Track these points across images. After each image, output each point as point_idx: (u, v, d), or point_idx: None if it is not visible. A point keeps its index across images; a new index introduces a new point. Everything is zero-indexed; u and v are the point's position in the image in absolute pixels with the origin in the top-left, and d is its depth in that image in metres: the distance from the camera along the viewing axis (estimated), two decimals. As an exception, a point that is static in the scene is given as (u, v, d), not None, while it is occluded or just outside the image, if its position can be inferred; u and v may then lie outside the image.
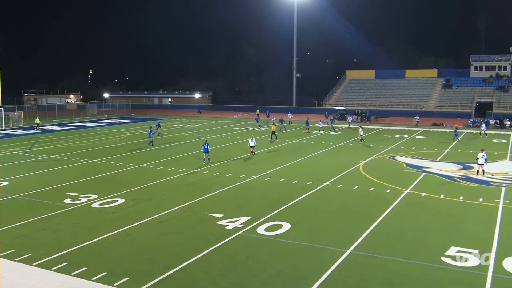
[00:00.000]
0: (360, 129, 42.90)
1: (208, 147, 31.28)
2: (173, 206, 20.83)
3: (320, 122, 51.95)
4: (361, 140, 42.08)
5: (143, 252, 15.49)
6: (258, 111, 66.99)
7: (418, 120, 60.38)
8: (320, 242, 16.31)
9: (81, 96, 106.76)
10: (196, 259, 14.80)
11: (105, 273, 13.69)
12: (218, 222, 18.47)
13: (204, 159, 31.27)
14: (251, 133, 37.78)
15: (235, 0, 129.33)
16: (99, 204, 21.37)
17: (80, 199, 22.24)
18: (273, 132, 44.53)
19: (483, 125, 51.65)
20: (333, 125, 54.99)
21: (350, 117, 60.79)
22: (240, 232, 17.26)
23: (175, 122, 67.29)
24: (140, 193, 23.60)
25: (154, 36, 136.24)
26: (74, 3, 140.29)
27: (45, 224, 18.54)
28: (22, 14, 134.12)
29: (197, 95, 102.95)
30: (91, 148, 39.92)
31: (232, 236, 16.84)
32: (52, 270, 13.92)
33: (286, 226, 17.95)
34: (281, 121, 55.16)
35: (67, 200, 22.06)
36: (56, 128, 60.01)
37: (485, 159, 27.06)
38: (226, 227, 17.82)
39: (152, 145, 40.12)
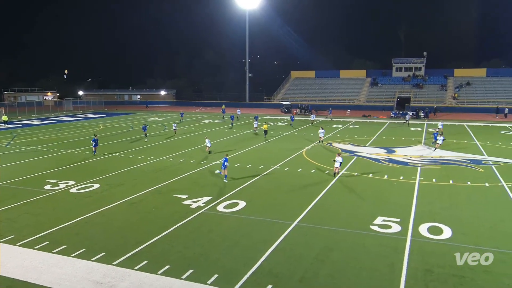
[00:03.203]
0: (321, 130, 35.26)
1: (226, 162, 22.30)
2: (143, 190, 20.46)
3: (255, 123, 44.78)
4: (321, 141, 34.97)
5: (117, 230, 15.17)
6: (223, 106, 66.95)
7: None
8: (270, 216, 16.50)
9: (58, 94, 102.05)
10: (165, 234, 14.65)
11: (83, 249, 13.33)
12: (183, 202, 18.32)
13: (225, 175, 22.33)
14: (206, 135, 34.04)
15: (195, 10, 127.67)
16: (76, 189, 20.67)
17: (59, 185, 21.43)
18: (265, 131, 39.48)
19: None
20: (292, 122, 51.04)
21: (313, 115, 54.97)
22: (202, 210, 17.19)
23: (144, 116, 65.83)
24: (113, 178, 23.00)
25: (123, 40, 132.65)
26: (50, 8, 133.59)
27: (27, 208, 17.78)
28: (1, 17, 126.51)
29: (163, 92, 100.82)
30: (68, 140, 38.43)
31: (196, 214, 16.76)
32: (35, 249, 13.44)
33: (242, 204, 18.04)
34: (232, 118, 51.66)
35: (47, 187, 21.21)
36: (35, 122, 57.23)
37: (340, 163, 22.95)
38: (190, 206, 17.71)
39: (94, 155, 30.07)
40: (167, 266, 12.18)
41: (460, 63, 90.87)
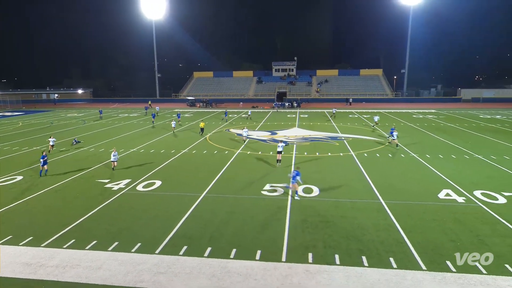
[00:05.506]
0: (245, 129, 29.04)
1: (298, 177, 15.17)
2: (66, 178, 18.51)
3: (173, 123, 35.57)
4: (244, 141, 28.21)
5: (42, 216, 13.55)
6: (150, 102, 62.09)
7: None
8: (183, 191, 16.22)
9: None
10: (90, 215, 13.52)
11: (10, 236, 11.70)
12: (106, 186, 17.04)
13: (296, 191, 15.24)
14: (114, 146, 23.57)
15: (107, 19, 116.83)
16: (-2, 183, 17.89)
17: (-21, 180, 18.31)
18: (202, 128, 33.07)
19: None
20: (225, 117, 45.34)
21: (250, 111, 49.13)
22: (123, 191, 16.20)
23: (63, 112, 59.09)
24: (36, 170, 20.30)
25: (39, 43, 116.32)
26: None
27: None
28: None
29: (80, 91, 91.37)
30: (-14, 137, 32.81)
31: (118, 195, 15.74)
32: (-43, 242, 11.37)
33: (158, 183, 17.41)
34: (153, 116, 43.88)
35: (-34, 182, 17.98)
36: None
37: (284, 146, 21.54)
38: (112, 189, 16.55)
39: (45, 175, 19.08)
40: (94, 242, 11.30)
41: (320, 66, 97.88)
